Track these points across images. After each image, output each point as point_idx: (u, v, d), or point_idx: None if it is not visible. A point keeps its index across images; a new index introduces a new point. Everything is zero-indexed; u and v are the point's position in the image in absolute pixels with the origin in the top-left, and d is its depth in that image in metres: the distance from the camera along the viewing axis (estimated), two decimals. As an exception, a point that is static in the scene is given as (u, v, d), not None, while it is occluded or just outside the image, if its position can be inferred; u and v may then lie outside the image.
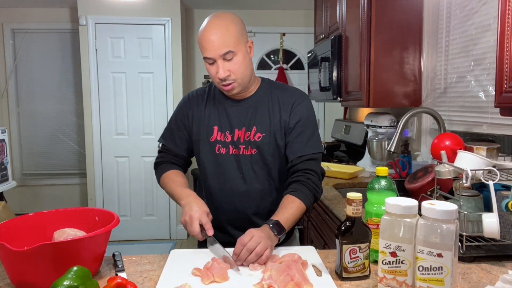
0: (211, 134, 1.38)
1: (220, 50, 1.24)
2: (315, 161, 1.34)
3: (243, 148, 1.36)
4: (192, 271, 1.06)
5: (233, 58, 1.26)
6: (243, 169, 1.37)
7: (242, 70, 1.29)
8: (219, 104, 1.41)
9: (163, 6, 4.10)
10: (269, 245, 1.11)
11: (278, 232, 1.17)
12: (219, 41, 1.23)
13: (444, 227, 0.85)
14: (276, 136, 1.35)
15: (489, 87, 1.78)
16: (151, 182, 4.27)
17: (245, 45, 1.30)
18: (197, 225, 1.18)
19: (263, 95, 1.39)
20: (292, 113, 1.35)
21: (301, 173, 1.31)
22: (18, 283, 0.99)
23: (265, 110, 1.37)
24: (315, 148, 1.35)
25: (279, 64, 4.60)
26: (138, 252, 1.33)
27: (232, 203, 1.40)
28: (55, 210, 1.20)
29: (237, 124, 1.37)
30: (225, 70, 1.26)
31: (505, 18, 1.09)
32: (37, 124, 4.54)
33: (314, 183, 1.31)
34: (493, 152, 1.35)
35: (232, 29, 1.26)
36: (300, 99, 1.38)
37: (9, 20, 4.37)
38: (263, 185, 1.38)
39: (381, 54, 2.27)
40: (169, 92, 4.20)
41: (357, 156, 2.95)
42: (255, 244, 1.08)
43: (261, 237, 1.10)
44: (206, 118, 1.40)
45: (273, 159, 1.37)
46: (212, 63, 1.27)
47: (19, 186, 3.89)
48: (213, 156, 1.39)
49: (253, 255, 1.08)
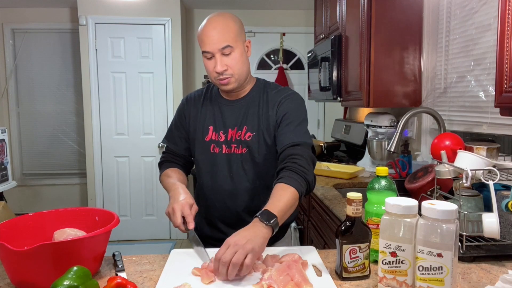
0: (206, 134, 1.42)
1: (219, 44, 1.28)
2: (300, 146, 1.29)
3: (234, 147, 1.39)
4: (192, 270, 1.06)
5: (231, 53, 1.30)
6: (233, 168, 1.39)
7: (240, 67, 1.33)
8: (215, 104, 1.45)
9: (163, 6, 4.10)
10: (249, 249, 0.99)
11: (267, 220, 1.08)
12: (219, 36, 1.28)
13: (444, 227, 0.85)
14: (265, 135, 1.37)
15: (489, 87, 1.78)
16: (151, 182, 4.27)
17: (243, 43, 1.35)
18: (179, 217, 1.19)
19: (255, 95, 1.42)
20: (279, 109, 1.37)
21: (287, 159, 1.26)
22: (18, 283, 0.99)
23: (255, 110, 1.39)
24: (300, 137, 1.31)
25: (279, 64, 4.60)
26: (138, 252, 1.33)
27: (223, 201, 1.42)
28: (55, 210, 1.20)
29: (230, 123, 1.40)
30: (223, 65, 1.30)
31: (505, 18, 1.09)
32: (37, 124, 4.54)
33: (301, 166, 1.24)
34: (493, 152, 1.35)
35: (232, 25, 1.31)
36: (288, 96, 1.39)
37: (9, 20, 4.37)
38: (253, 183, 1.40)
39: (381, 54, 2.27)
40: (169, 92, 4.20)
41: (357, 156, 2.95)
42: (229, 256, 0.98)
43: (237, 244, 1.00)
44: (202, 118, 1.45)
45: (263, 158, 1.38)
46: (210, 58, 1.32)
47: (19, 186, 3.89)
48: (207, 155, 1.42)
49: (231, 268, 0.97)
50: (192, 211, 1.23)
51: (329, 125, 4.43)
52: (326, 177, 2.42)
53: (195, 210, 1.25)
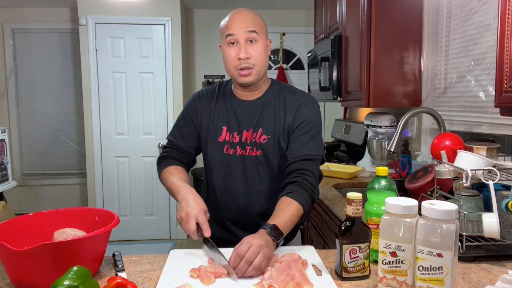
0: (219, 134, 1.38)
1: (246, 27, 1.29)
2: (312, 162, 1.30)
3: (249, 149, 1.35)
4: (189, 272, 1.05)
5: (255, 42, 1.30)
6: (248, 170, 1.36)
7: (262, 59, 1.32)
8: (228, 103, 1.40)
9: (163, 6, 4.10)
10: (268, 255, 1.04)
11: (276, 237, 1.11)
12: (247, 20, 1.30)
13: (444, 227, 0.85)
14: (280, 139, 1.34)
15: (489, 87, 1.78)
16: (151, 182, 4.27)
17: (266, 39, 1.36)
18: (193, 224, 1.14)
19: (271, 97, 1.39)
20: (297, 114, 1.34)
21: (297, 173, 1.27)
22: (18, 283, 0.99)
23: (271, 112, 1.36)
24: (314, 150, 1.31)
25: (279, 64, 4.61)
26: (138, 252, 1.32)
27: (236, 204, 1.39)
28: (55, 210, 1.20)
29: (245, 125, 1.36)
30: (246, 52, 1.29)
31: (505, 18, 1.09)
32: (37, 124, 4.55)
33: (311, 184, 1.26)
34: (493, 152, 1.35)
35: (259, 18, 1.35)
36: (307, 101, 1.37)
37: (9, 20, 4.37)
38: (268, 186, 1.37)
39: (381, 54, 2.27)
40: (169, 92, 4.20)
41: (357, 156, 2.95)
42: (254, 255, 1.01)
43: (259, 246, 1.02)
44: (215, 117, 1.40)
45: (278, 161, 1.36)
46: (233, 44, 1.30)
47: (19, 186, 3.89)
48: (221, 156, 1.38)
49: (251, 267, 1.00)
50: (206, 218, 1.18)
51: (329, 125, 4.43)
52: (326, 177, 2.42)
53: (208, 217, 1.20)
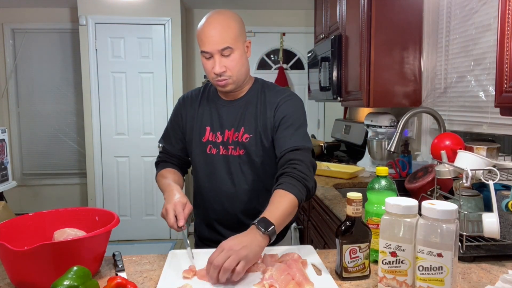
0: (203, 135, 1.39)
1: (218, 45, 1.24)
2: (300, 151, 1.26)
3: (231, 148, 1.36)
4: (183, 274, 1.04)
5: (230, 54, 1.26)
6: (232, 170, 1.37)
7: (238, 68, 1.29)
8: (212, 104, 1.42)
9: (163, 6, 4.10)
10: (243, 256, 0.98)
11: (265, 228, 1.05)
12: (219, 36, 1.24)
13: (444, 227, 0.85)
14: (262, 137, 1.34)
15: (489, 87, 1.78)
16: (151, 182, 4.27)
17: (243, 44, 1.31)
18: (172, 216, 1.17)
19: (253, 96, 1.39)
20: (277, 111, 1.33)
21: (286, 165, 1.24)
22: (18, 283, 0.99)
23: (253, 111, 1.36)
24: (300, 141, 1.28)
25: (279, 64, 4.60)
26: (138, 252, 1.32)
27: (221, 203, 1.40)
28: (55, 210, 1.20)
29: (227, 124, 1.37)
30: (222, 66, 1.26)
31: (505, 18, 1.09)
32: (37, 124, 4.54)
33: (302, 172, 1.21)
34: (493, 152, 1.35)
35: (233, 26, 1.27)
36: (286, 98, 1.35)
37: (9, 20, 4.37)
38: (252, 186, 1.37)
39: (381, 54, 2.27)
40: (169, 92, 4.20)
41: (357, 156, 2.95)
42: (222, 259, 0.97)
43: (231, 249, 0.98)
44: (199, 119, 1.41)
45: (261, 160, 1.36)
46: (209, 58, 1.28)
47: (19, 186, 3.88)
48: (204, 156, 1.39)
49: (221, 272, 0.96)
50: (185, 210, 1.20)
51: (329, 125, 4.43)
52: (326, 177, 2.42)
53: (189, 209, 1.22)
